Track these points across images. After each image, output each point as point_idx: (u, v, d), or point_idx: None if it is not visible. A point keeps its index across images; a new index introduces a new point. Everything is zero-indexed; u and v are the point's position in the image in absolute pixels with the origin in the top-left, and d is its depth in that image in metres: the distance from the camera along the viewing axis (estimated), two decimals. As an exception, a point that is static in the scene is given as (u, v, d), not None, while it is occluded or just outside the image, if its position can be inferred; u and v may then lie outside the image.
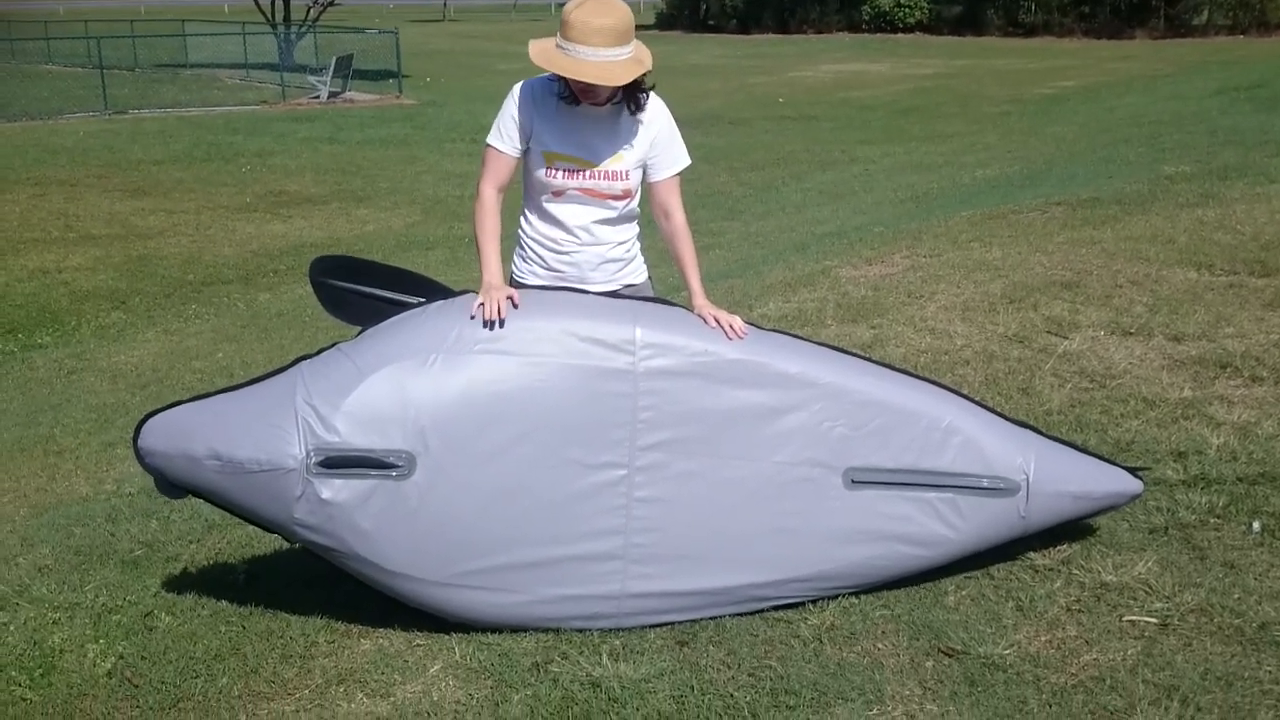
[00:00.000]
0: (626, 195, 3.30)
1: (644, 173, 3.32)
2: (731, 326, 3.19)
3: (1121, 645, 2.99)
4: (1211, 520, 3.56)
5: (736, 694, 2.91)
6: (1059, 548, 3.46)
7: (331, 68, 26.22)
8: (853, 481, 3.20)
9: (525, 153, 3.25)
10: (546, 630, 3.23)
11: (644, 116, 3.25)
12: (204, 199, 15.42)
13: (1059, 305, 5.61)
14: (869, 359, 3.42)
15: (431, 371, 3.05)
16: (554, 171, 3.22)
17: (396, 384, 3.04)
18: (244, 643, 3.34)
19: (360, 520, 3.05)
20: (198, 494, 3.19)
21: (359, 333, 3.23)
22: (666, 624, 3.25)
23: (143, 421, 3.17)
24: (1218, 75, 19.93)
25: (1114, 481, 3.39)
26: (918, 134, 18.69)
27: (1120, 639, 3.02)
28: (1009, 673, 2.91)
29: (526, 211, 3.38)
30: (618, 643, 3.18)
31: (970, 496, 3.25)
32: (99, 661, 3.32)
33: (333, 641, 3.33)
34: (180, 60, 32.30)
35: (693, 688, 2.95)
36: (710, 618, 3.27)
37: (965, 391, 4.59)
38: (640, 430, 3.11)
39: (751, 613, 3.28)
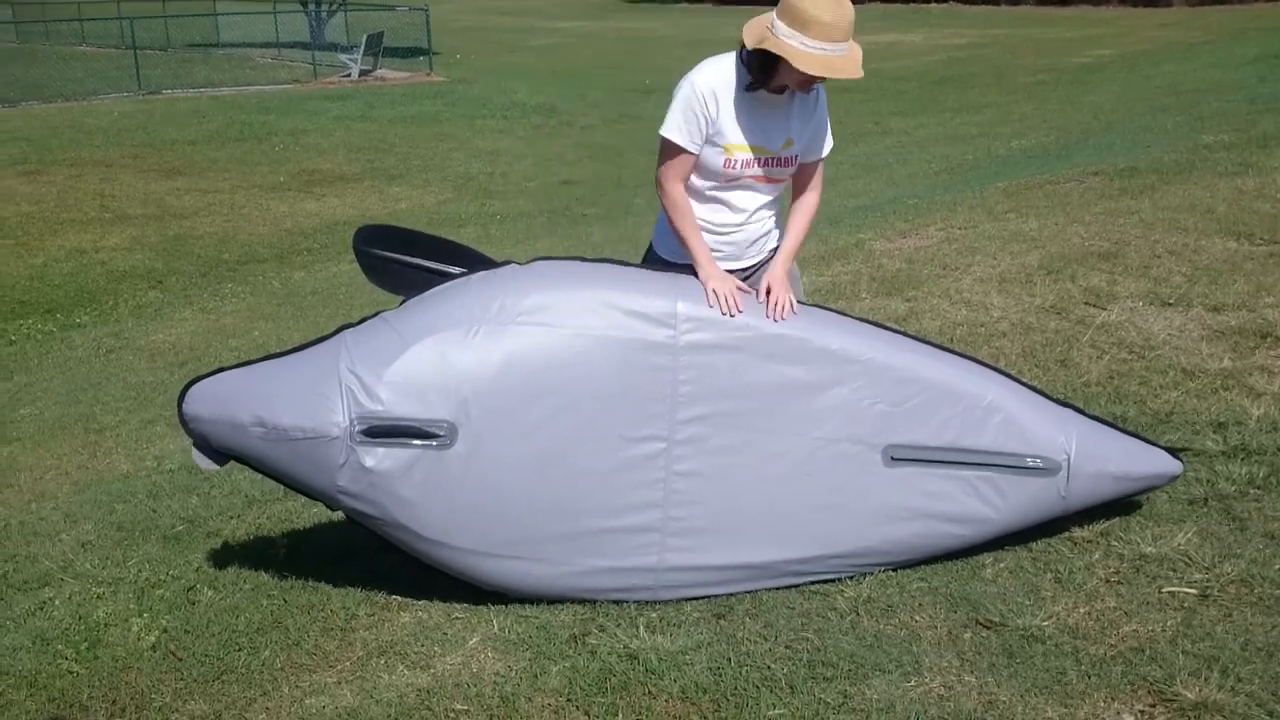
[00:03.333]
0: (789, 179, 3.33)
1: None
2: (777, 305, 3.17)
3: (1161, 616, 2.98)
4: (1252, 491, 3.53)
5: (773, 666, 2.92)
6: (1098, 520, 3.44)
7: (362, 45, 26.26)
8: (892, 459, 3.19)
9: None
10: (584, 603, 3.25)
11: (811, 102, 3.23)
12: (238, 178, 15.52)
13: (1097, 276, 5.56)
14: (910, 335, 3.40)
15: (474, 342, 3.06)
16: (732, 162, 3.18)
17: (440, 353, 3.06)
18: (285, 616, 3.39)
19: (402, 489, 3.08)
20: (241, 460, 3.22)
21: (401, 302, 3.25)
22: (703, 597, 3.26)
23: (188, 387, 3.20)
24: (1257, 42, 19.57)
25: (1154, 462, 3.36)
26: (952, 105, 18.52)
27: (1160, 610, 3.01)
28: (1047, 644, 2.90)
29: (695, 201, 3.29)
30: (655, 615, 3.19)
31: (1010, 476, 3.23)
32: (143, 635, 3.37)
33: (373, 614, 3.36)
34: (212, 40, 32.41)
35: (730, 659, 2.96)
36: (747, 591, 3.28)
37: (1003, 366, 4.57)
38: (680, 404, 3.11)
39: (789, 586, 3.29)
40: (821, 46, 2.96)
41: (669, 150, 3.18)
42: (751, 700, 2.79)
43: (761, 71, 3.07)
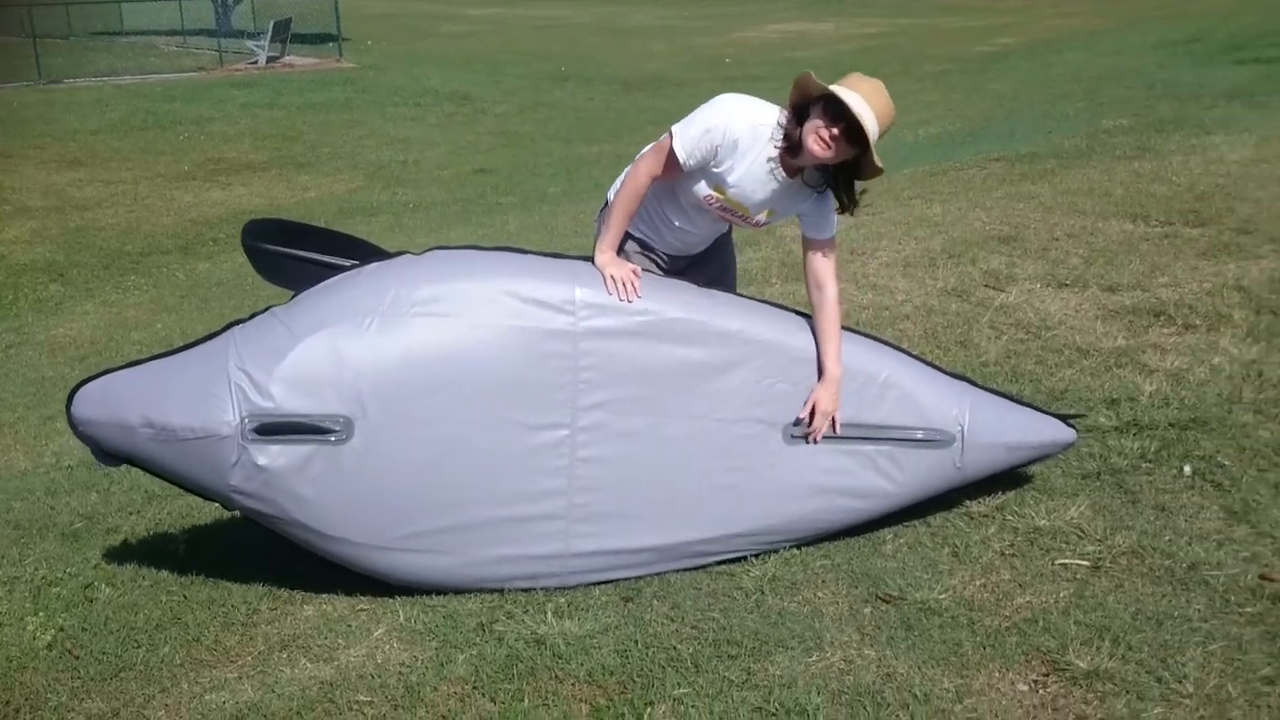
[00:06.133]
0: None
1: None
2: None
3: (1054, 588, 3.05)
4: (1143, 465, 3.63)
5: (679, 646, 2.94)
6: (993, 494, 3.52)
7: (269, 32, 25.76)
8: (792, 437, 3.23)
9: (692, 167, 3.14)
10: (492, 591, 3.24)
11: (811, 193, 3.21)
12: (142, 168, 15.16)
13: (997, 259, 5.67)
14: (809, 315, 3.42)
15: (368, 334, 3.01)
16: (713, 200, 3.19)
17: (332, 347, 3.00)
18: (185, 612, 3.33)
19: (298, 486, 3.03)
20: (133, 463, 3.15)
21: (293, 297, 3.19)
22: (611, 581, 3.27)
23: (75, 389, 3.12)
24: (1157, 29, 20.08)
25: (1048, 431, 3.44)
26: (861, 92, 18.67)
27: (1053, 582, 3.08)
28: (944, 616, 2.96)
29: (662, 194, 3.28)
30: (563, 600, 3.20)
31: (907, 449, 3.29)
32: (39, 634, 3.30)
33: (275, 608, 3.32)
34: (115, 28, 31.56)
35: (636, 641, 2.97)
36: (655, 574, 3.29)
37: (904, 346, 4.64)
38: (582, 390, 3.11)
39: (696, 568, 3.31)
40: (852, 95, 3.00)
41: (668, 153, 3.11)
42: (657, 680, 2.81)
43: (793, 124, 3.06)
